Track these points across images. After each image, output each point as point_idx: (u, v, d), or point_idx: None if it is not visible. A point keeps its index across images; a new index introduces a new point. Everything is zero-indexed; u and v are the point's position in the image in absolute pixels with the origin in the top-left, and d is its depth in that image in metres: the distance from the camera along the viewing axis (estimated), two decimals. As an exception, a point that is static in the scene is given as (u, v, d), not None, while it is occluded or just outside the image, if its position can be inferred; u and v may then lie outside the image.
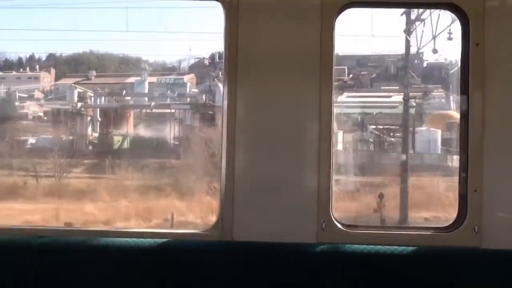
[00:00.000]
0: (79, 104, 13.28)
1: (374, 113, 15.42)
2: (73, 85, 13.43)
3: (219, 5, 5.42)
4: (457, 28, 5.55)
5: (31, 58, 12.00)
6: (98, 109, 13.49)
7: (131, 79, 13.70)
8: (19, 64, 12.01)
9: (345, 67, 15.58)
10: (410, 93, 14.45)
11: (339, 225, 5.41)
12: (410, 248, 5.27)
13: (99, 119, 13.45)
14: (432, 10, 11.10)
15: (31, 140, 13.42)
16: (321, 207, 5.38)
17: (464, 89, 5.44)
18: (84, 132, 13.37)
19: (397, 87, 15.22)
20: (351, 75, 16.07)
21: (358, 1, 5.53)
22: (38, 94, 14.55)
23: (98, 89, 13.33)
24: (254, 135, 5.43)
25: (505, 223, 5.37)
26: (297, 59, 5.40)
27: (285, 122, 5.41)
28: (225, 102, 5.40)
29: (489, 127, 5.35)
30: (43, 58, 12.10)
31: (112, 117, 13.44)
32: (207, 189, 12.71)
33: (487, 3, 5.37)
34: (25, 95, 13.88)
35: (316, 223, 5.37)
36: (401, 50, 14.47)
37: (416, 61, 15.27)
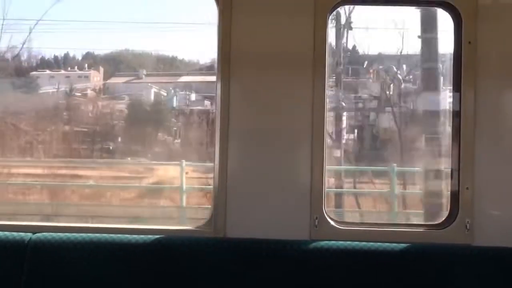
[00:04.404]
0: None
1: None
2: (149, 84, 13.39)
3: (212, 2, 5.48)
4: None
5: (66, 57, 12.13)
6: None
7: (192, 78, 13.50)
8: (55, 63, 12.11)
9: (393, 66, 15.41)
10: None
11: (332, 222, 5.43)
12: (402, 245, 5.26)
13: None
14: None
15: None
16: (314, 203, 5.41)
17: (457, 87, 5.43)
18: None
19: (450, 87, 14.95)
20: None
21: None
22: (90, 93, 14.73)
23: (176, 88, 13.16)
24: (247, 131, 5.50)
25: (496, 220, 5.33)
26: (291, 56, 5.44)
27: (278, 119, 5.46)
28: (218, 99, 5.48)
29: (480, 124, 5.32)
30: (79, 57, 12.22)
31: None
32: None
33: (480, 2, 5.35)
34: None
35: (309, 220, 5.41)
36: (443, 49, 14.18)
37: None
